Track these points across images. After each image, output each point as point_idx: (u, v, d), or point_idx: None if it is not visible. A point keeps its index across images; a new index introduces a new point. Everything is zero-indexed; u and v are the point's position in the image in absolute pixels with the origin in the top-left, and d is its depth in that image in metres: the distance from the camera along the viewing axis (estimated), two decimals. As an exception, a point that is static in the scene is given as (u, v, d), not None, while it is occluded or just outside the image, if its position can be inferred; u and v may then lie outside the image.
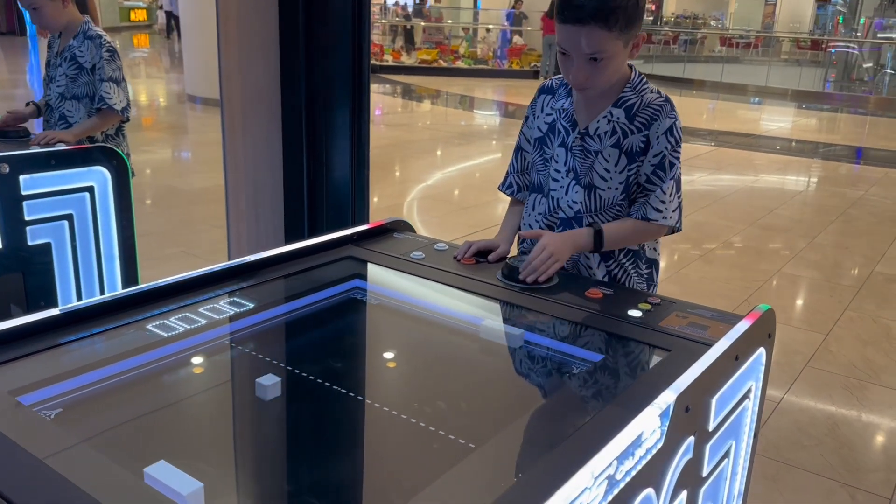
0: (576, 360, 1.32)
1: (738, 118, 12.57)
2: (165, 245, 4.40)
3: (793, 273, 4.52)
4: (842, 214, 5.95)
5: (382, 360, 1.36)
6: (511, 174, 1.87)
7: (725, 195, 6.46)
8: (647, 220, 1.65)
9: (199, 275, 1.49)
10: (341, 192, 2.40)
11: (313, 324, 1.49)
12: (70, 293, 2.71)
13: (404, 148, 8.44)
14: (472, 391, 1.26)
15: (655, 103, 1.63)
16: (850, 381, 3.12)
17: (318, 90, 2.34)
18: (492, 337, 1.42)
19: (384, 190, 6.52)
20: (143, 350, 1.25)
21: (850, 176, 8.09)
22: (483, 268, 1.67)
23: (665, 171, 1.64)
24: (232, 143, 2.35)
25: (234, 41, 2.28)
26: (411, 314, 1.53)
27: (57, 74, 2.93)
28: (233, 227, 2.43)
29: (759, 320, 1.39)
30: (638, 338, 1.36)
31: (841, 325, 3.69)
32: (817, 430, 2.74)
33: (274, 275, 1.60)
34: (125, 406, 1.15)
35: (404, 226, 1.97)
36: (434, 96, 13.95)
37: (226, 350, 1.32)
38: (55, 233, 2.62)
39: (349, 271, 1.65)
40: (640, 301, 1.51)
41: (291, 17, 2.30)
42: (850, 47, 18.31)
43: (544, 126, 1.75)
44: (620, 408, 1.10)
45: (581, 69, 1.55)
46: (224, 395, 1.26)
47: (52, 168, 2.57)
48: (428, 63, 16.61)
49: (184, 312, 1.38)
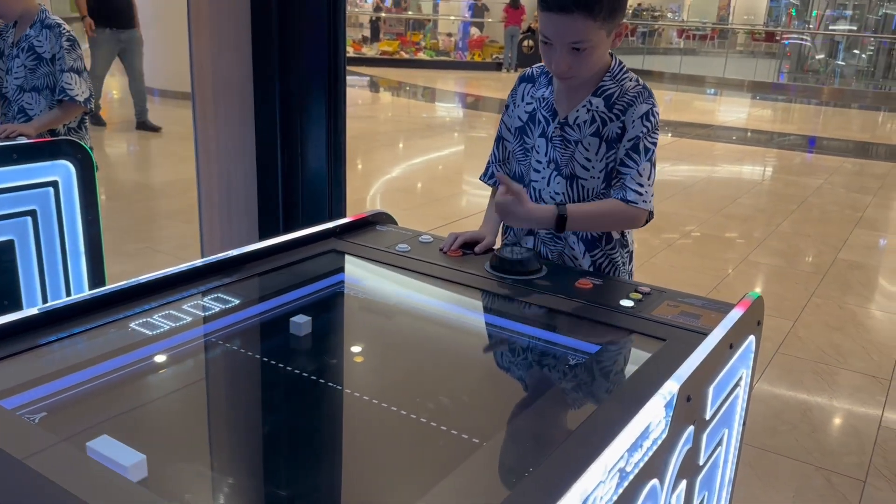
0: (572, 352, 1.30)
1: (697, 109, 12.74)
2: (129, 241, 4.29)
3: (758, 261, 4.59)
4: (803, 203, 6.06)
5: (375, 357, 1.33)
6: (493, 164, 1.85)
7: (688, 185, 6.54)
8: (626, 202, 1.62)
9: (183, 270, 1.45)
10: (317, 185, 2.35)
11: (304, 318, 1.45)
12: (35, 292, 2.62)
13: (368, 140, 8.37)
14: (472, 385, 1.23)
15: (633, 91, 1.62)
16: (820, 366, 3.18)
17: (292, 81, 2.29)
18: (485, 329, 1.41)
19: (349, 183, 6.43)
20: (127, 349, 1.21)
21: (808, 165, 8.26)
22: (470, 260, 1.65)
23: (640, 153, 1.62)
24: (204, 135, 2.29)
25: (206, 31, 2.22)
26: (402, 308, 1.50)
27: (14, 66, 2.82)
28: (205, 222, 2.37)
29: (751, 308, 1.39)
30: (633, 328, 1.35)
31: (808, 312, 3.76)
32: (791, 416, 2.78)
33: (258, 270, 1.55)
34: (111, 406, 1.11)
35: (386, 218, 1.94)
36: (396, 88, 13.87)
37: (213, 347, 1.28)
38: (18, 229, 2.53)
39: (334, 265, 1.61)
40: (630, 291, 1.50)
41: (264, 6, 2.25)
42: (803, 39, 18.67)
43: (524, 115, 1.74)
44: (624, 399, 1.09)
45: (564, 58, 1.53)
46: (213, 392, 1.22)
47: (14, 162, 2.47)
48: (389, 55, 16.51)
49: (168, 310, 1.33)
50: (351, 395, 1.14)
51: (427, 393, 1.17)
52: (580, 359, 1.28)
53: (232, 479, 0.97)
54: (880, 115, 13.39)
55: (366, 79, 14.65)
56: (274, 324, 1.40)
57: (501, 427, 1.04)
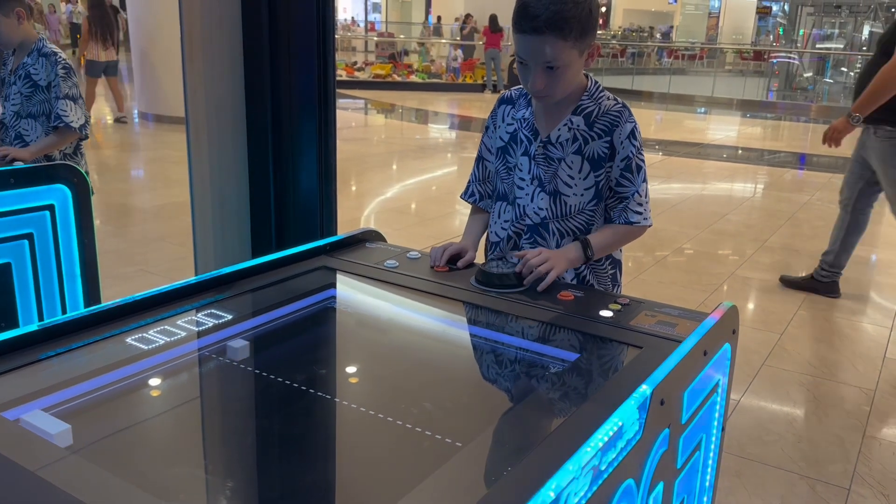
0: (553, 360, 1.36)
1: (686, 128, 12.87)
2: (123, 264, 4.33)
3: (746, 275, 4.65)
4: (790, 218, 6.14)
5: (364, 367, 1.38)
6: (473, 183, 1.91)
7: (677, 202, 6.62)
8: (630, 224, 1.71)
9: (176, 287, 1.50)
10: (309, 204, 2.41)
11: (293, 333, 1.50)
12: (32, 314, 2.66)
13: (361, 162, 8.45)
14: (456, 393, 1.28)
15: (614, 110, 1.69)
16: (806, 377, 3.23)
17: (283, 103, 2.35)
18: (470, 341, 1.46)
19: (342, 204, 6.46)
20: (122, 364, 1.25)
21: (796, 181, 8.36)
22: (456, 275, 1.70)
23: (633, 173, 1.71)
24: (198, 157, 2.35)
25: (199, 56, 2.28)
26: (389, 322, 1.55)
27: (11, 93, 2.88)
28: (199, 242, 2.42)
29: (724, 317, 1.45)
30: (611, 336, 1.41)
31: (795, 325, 3.81)
32: (777, 426, 2.83)
33: (248, 286, 1.60)
34: (109, 419, 1.15)
35: (376, 235, 2.00)
36: (389, 111, 13.99)
37: (206, 362, 1.33)
38: (15, 253, 2.57)
39: (324, 281, 1.66)
40: (611, 302, 1.56)
41: (256, 31, 2.32)
42: (790, 57, 18.92)
43: (506, 136, 1.80)
44: (600, 402, 1.14)
45: (539, 77, 1.60)
46: (206, 405, 1.27)
47: (12, 187, 2.52)
48: (382, 77, 16.65)
49: (163, 325, 1.38)
50: (337, 402, 1.19)
51: (411, 400, 1.22)
52: (560, 367, 1.33)
53: (222, 480, 1.02)
54: (867, 131, 13.52)
55: (360, 101, 14.77)
56: (265, 338, 1.45)
57: (482, 430, 1.09)
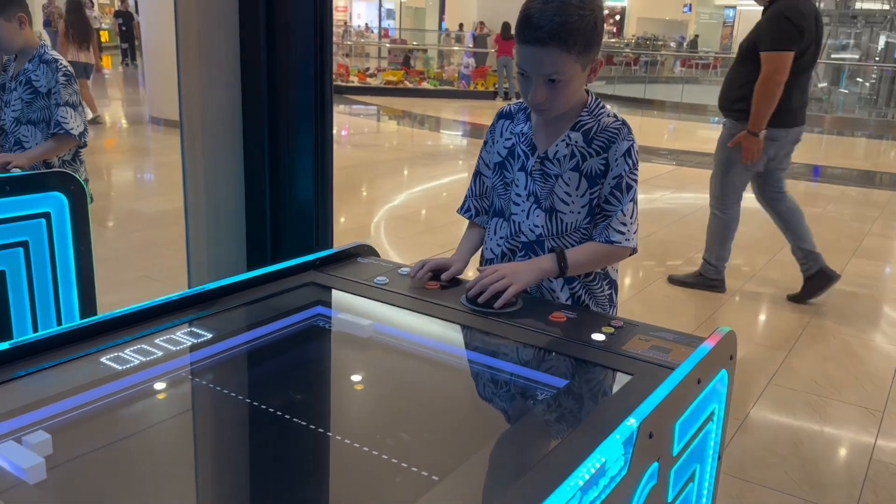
0: (540, 386, 1.31)
1: (699, 138, 12.78)
2: (125, 270, 4.32)
3: (754, 290, 4.58)
4: (801, 232, 6.05)
5: (343, 390, 1.33)
6: (470, 198, 1.87)
7: (687, 213, 6.55)
8: (610, 243, 1.66)
9: (156, 304, 1.46)
10: (305, 215, 2.37)
11: (274, 353, 1.46)
12: (26, 323, 2.63)
13: (371, 168, 8.44)
14: (436, 420, 1.24)
15: (613, 126, 1.64)
16: (812, 397, 3.16)
17: (280, 112, 2.33)
18: (456, 363, 1.41)
19: (351, 210, 6.50)
20: (97, 384, 1.22)
21: (808, 193, 8.26)
22: (446, 292, 1.66)
23: (623, 192, 1.66)
24: (192, 164, 2.32)
25: (195, 62, 2.26)
26: (372, 343, 1.51)
27: (12, 99, 2.87)
28: (193, 252, 2.39)
29: (721, 342, 1.39)
30: (601, 362, 1.36)
31: (802, 342, 3.74)
32: (781, 448, 2.77)
33: (233, 303, 1.57)
34: (83, 440, 1.12)
35: (368, 250, 1.96)
36: (400, 117, 13.99)
37: (183, 383, 1.29)
38: (10, 260, 2.55)
39: (311, 298, 1.62)
40: (604, 324, 1.51)
41: (253, 38, 2.29)
42: (805, 67, 18.71)
43: (504, 151, 1.76)
44: (583, 436, 1.09)
45: (540, 90, 1.56)
46: (182, 429, 1.23)
47: (7, 194, 2.50)
48: (394, 84, 16.66)
49: (140, 344, 1.35)
50: (309, 429, 1.14)
51: (388, 428, 1.18)
52: (547, 393, 1.28)
53: None
54: (882, 143, 13.40)
55: (372, 108, 14.78)
56: (242, 359, 1.41)
57: (459, 464, 1.04)
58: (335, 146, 9.31)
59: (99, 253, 4.65)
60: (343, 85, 16.48)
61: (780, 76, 3.87)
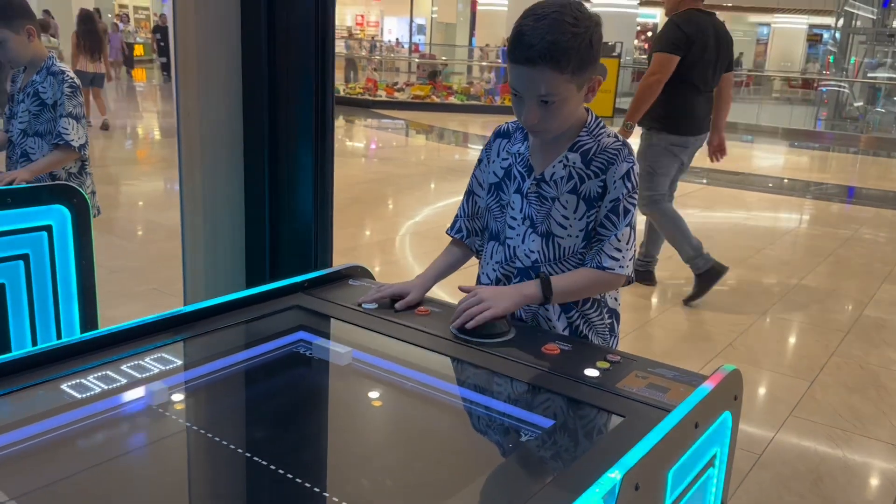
0: (524, 426, 1.22)
1: (730, 156, 12.52)
2: (138, 282, 4.30)
3: (779, 316, 4.42)
4: (831, 255, 5.87)
5: (312, 427, 1.25)
6: (461, 218, 1.79)
7: (712, 234, 6.39)
8: (602, 269, 1.56)
9: (129, 327, 1.40)
10: (303, 233, 2.31)
11: (247, 382, 1.39)
12: (25, 337, 2.60)
13: (396, 182, 8.42)
14: (402, 465, 1.15)
15: (612, 148, 1.56)
16: (836, 431, 3.01)
17: (280, 130, 2.27)
18: (435, 398, 1.33)
19: (375, 224, 6.48)
20: (53, 413, 1.16)
21: (841, 215, 8.05)
22: (436, 319, 1.58)
23: (619, 216, 1.56)
24: (189, 181, 2.27)
25: (194, 76, 2.21)
26: (353, 370, 1.43)
27: (19, 110, 2.86)
28: (189, 269, 2.34)
29: (723, 382, 1.29)
30: (592, 401, 1.27)
31: (827, 372, 3.59)
32: (800, 485, 2.63)
33: (211, 327, 1.50)
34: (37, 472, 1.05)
35: (361, 272, 1.89)
36: (427, 131, 13.97)
37: (142, 415, 1.22)
38: (9, 273, 2.52)
39: (292, 324, 1.55)
40: (599, 358, 1.42)
41: (254, 53, 2.24)
42: (841, 86, 18.44)
43: (500, 171, 1.68)
44: (560, 489, 1.00)
45: (533, 111, 1.48)
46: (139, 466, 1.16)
47: (9, 206, 2.48)
48: (421, 98, 16.67)
49: (105, 370, 1.28)
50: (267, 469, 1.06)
51: (349, 471, 1.10)
52: (531, 434, 1.20)
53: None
54: (920, 164, 13.07)
55: (399, 122, 14.79)
56: (210, 389, 1.34)
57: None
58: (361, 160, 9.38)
59: (115, 264, 4.67)
60: (371, 99, 16.54)
61: (660, 76, 4.18)
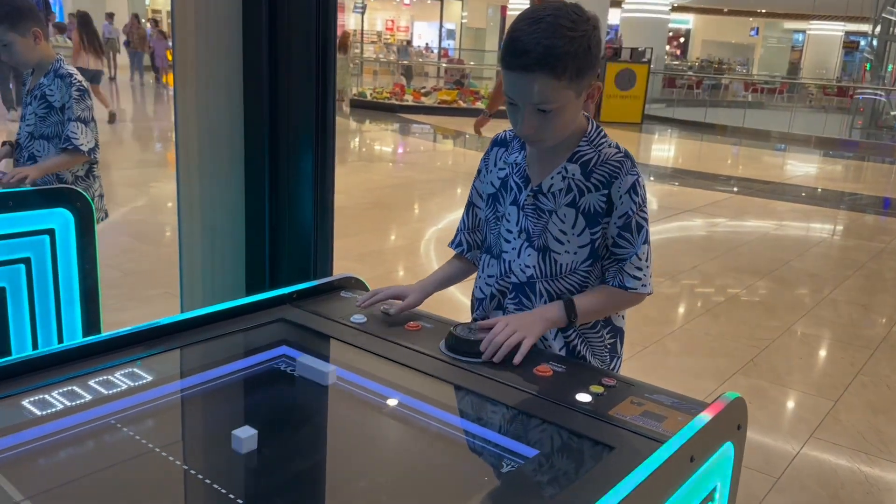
0: (506, 455, 1.14)
1: (761, 164, 12.33)
2: (149, 285, 4.29)
3: (803, 331, 4.29)
4: (860, 268, 5.70)
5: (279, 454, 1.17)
6: (462, 231, 1.72)
7: (737, 245, 6.25)
8: (625, 289, 1.49)
9: (99, 340, 1.35)
10: (303, 241, 2.26)
11: (220, 400, 1.32)
12: (26, 341, 2.58)
13: (422, 187, 8.44)
14: (373, 494, 1.08)
15: (614, 159, 1.47)
16: (859, 454, 2.89)
17: (281, 137, 2.22)
18: (417, 422, 1.25)
19: (400, 229, 6.45)
20: (9, 432, 1.10)
21: (874, 227, 7.83)
22: (426, 336, 1.50)
23: (633, 233, 1.48)
24: (188, 187, 2.23)
25: (193, 82, 2.16)
26: (335, 390, 1.36)
27: (27, 113, 2.84)
28: (186, 276, 2.30)
29: (724, 412, 1.21)
30: (581, 430, 1.18)
31: (852, 392, 3.45)
32: (819, 512, 2.52)
33: (192, 339, 1.44)
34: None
35: (355, 283, 1.82)
36: (453, 136, 13.93)
37: (105, 433, 1.15)
38: (11, 277, 2.50)
39: (274, 338, 1.49)
40: (594, 382, 1.33)
41: (255, 58, 2.19)
42: (877, 94, 18.06)
43: (497, 181, 1.60)
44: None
45: (529, 120, 1.40)
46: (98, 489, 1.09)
47: (11, 209, 2.46)
48: (447, 103, 16.63)
49: (70, 385, 1.23)
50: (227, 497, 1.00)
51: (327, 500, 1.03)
52: (512, 465, 1.12)
53: None
54: (958, 175, 12.73)
55: (426, 126, 14.77)
56: (188, 404, 1.28)
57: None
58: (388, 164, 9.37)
59: (129, 266, 4.66)
60: (398, 104, 16.53)
61: None
